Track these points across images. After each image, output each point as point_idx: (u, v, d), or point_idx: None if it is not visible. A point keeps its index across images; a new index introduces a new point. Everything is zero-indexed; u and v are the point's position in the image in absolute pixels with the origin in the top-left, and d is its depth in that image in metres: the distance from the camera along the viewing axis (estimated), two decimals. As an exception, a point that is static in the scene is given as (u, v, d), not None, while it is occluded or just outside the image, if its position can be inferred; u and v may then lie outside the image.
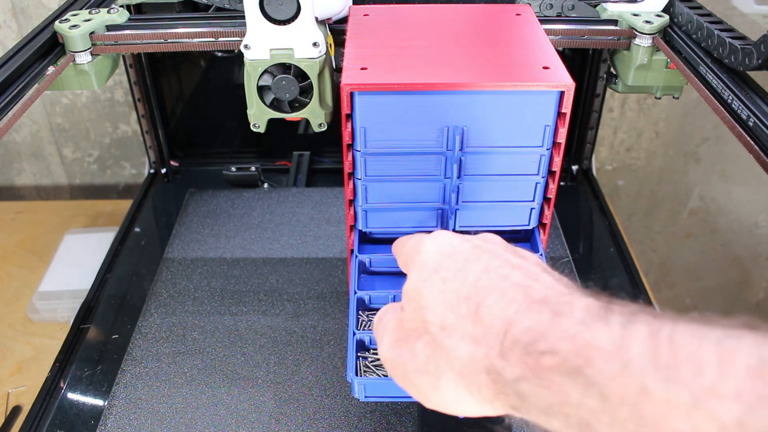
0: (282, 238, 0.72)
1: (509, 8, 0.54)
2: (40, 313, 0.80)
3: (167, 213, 0.83)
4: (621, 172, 1.20)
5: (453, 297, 0.30)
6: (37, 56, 0.55)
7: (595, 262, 0.76)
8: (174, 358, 0.57)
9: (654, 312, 0.24)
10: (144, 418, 0.52)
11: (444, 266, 0.32)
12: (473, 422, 0.51)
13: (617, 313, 0.24)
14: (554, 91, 0.42)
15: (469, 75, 0.42)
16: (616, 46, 0.62)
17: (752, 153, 0.45)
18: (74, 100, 1.06)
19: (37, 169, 1.15)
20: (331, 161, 0.94)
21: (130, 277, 0.71)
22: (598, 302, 0.26)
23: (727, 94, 0.49)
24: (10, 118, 0.49)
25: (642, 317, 0.23)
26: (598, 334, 0.24)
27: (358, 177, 0.46)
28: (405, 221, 0.49)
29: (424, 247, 0.34)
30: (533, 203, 0.47)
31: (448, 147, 0.44)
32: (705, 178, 1.19)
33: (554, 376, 0.24)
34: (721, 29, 0.53)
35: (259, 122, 0.57)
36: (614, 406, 0.23)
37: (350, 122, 0.44)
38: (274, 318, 0.61)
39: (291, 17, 0.52)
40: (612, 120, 1.12)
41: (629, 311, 0.24)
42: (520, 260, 0.32)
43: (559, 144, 0.44)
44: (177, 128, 0.95)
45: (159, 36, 0.60)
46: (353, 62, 0.44)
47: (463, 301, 0.30)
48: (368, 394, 0.45)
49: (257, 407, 0.53)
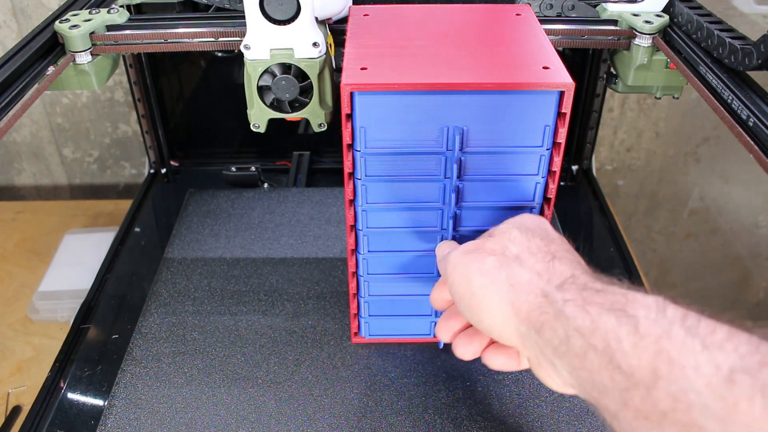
0: (282, 238, 0.72)
1: (509, 8, 0.54)
2: (40, 313, 0.80)
3: (167, 213, 0.83)
4: (621, 172, 1.20)
5: (535, 247, 0.37)
6: (37, 56, 0.55)
7: (595, 262, 0.76)
8: (174, 358, 0.57)
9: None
10: (144, 418, 0.52)
11: (534, 233, 0.38)
12: (472, 422, 0.51)
13: (666, 297, 0.30)
14: (554, 91, 0.42)
15: (469, 75, 0.42)
16: (616, 46, 0.62)
17: (752, 153, 0.45)
18: (74, 100, 1.06)
19: (37, 169, 1.15)
20: (331, 161, 0.94)
21: (130, 277, 0.71)
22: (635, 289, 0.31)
23: (727, 94, 0.49)
24: (10, 118, 0.49)
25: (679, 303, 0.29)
26: (644, 297, 0.29)
27: (358, 177, 0.46)
28: (405, 221, 0.49)
29: (524, 216, 0.41)
30: (533, 203, 0.47)
31: (448, 147, 0.44)
32: (705, 178, 1.19)
33: (599, 306, 0.30)
34: (721, 29, 0.53)
35: (259, 122, 0.57)
36: (640, 337, 0.27)
37: (350, 122, 0.44)
38: (274, 318, 0.62)
39: (291, 17, 0.52)
40: (612, 120, 1.12)
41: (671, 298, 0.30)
42: None
43: (559, 144, 0.44)
44: (177, 128, 0.95)
45: (159, 36, 0.60)
46: (353, 62, 0.44)
47: (542, 252, 0.36)
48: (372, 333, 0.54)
49: (257, 407, 0.53)
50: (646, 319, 0.28)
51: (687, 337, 0.26)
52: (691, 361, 0.26)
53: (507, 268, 0.36)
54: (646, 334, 0.27)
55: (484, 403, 0.53)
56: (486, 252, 0.38)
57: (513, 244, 0.37)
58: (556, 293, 0.32)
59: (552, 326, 0.31)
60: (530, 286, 0.34)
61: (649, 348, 0.27)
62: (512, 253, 0.37)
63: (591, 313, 0.30)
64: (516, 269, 0.35)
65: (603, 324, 0.29)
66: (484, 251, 0.38)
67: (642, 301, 0.29)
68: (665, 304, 0.29)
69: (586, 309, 0.30)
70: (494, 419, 0.52)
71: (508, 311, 0.34)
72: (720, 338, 0.26)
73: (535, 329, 0.32)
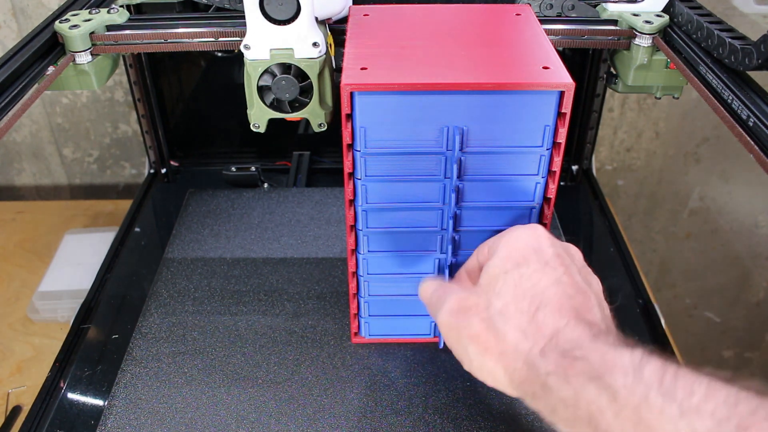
0: (282, 238, 0.72)
1: (509, 8, 0.54)
2: (40, 313, 0.80)
3: (167, 213, 0.83)
4: (621, 172, 1.20)
5: (521, 292, 0.36)
6: (37, 56, 0.55)
7: (595, 262, 0.76)
8: (174, 358, 0.57)
9: (667, 357, 0.30)
10: (144, 418, 0.52)
11: (527, 262, 0.38)
12: (472, 422, 0.51)
13: (640, 349, 0.30)
14: (554, 91, 0.42)
15: (469, 75, 0.42)
16: (616, 46, 0.62)
17: (752, 153, 0.45)
18: (74, 100, 1.06)
19: (37, 169, 1.15)
20: (331, 161, 0.94)
21: (130, 277, 0.71)
22: (635, 345, 0.31)
23: (727, 94, 0.49)
24: (10, 118, 0.49)
25: (658, 357, 0.30)
26: (623, 356, 0.30)
27: (358, 177, 0.46)
28: (405, 221, 0.49)
29: (517, 233, 0.40)
30: (533, 203, 0.47)
31: (448, 147, 0.44)
32: (705, 178, 1.19)
33: (579, 377, 0.31)
34: (721, 29, 0.53)
35: (259, 122, 0.57)
36: (620, 407, 0.29)
37: (350, 122, 0.44)
38: (274, 318, 0.62)
39: (291, 17, 0.52)
40: (612, 120, 1.12)
41: (650, 352, 0.30)
42: (587, 287, 0.38)
43: (559, 144, 0.44)
44: (177, 128, 0.95)
45: (159, 36, 0.60)
46: (353, 62, 0.44)
47: (528, 299, 0.36)
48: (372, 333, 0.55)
49: (257, 407, 0.53)
50: (624, 388, 0.29)
51: (665, 403, 0.27)
52: (670, 429, 0.27)
53: (494, 330, 0.36)
54: (625, 404, 0.29)
55: (484, 403, 0.53)
56: (472, 312, 0.38)
57: (497, 298, 0.37)
58: (540, 362, 0.33)
59: (541, 396, 0.33)
60: (516, 353, 0.35)
61: (630, 418, 0.28)
62: (496, 308, 0.37)
63: (573, 384, 0.31)
64: (502, 330, 0.36)
65: (585, 395, 0.30)
66: (470, 312, 0.38)
67: (619, 363, 0.30)
68: (642, 363, 0.29)
69: (569, 381, 0.31)
70: (494, 419, 0.52)
71: (504, 379, 0.36)
72: (697, 401, 0.27)
73: (529, 397, 0.34)
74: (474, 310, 0.38)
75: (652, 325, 0.65)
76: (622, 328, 0.37)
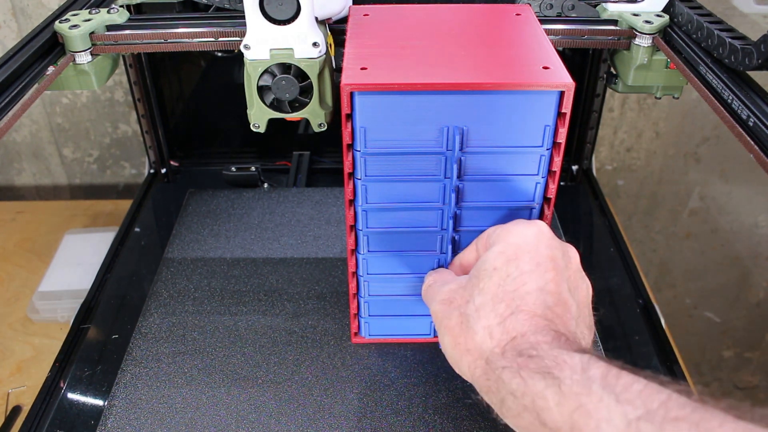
0: (282, 238, 0.72)
1: (509, 8, 0.54)
2: (40, 313, 0.80)
3: (167, 213, 0.83)
4: (621, 172, 1.20)
5: (502, 294, 0.38)
6: (37, 56, 0.55)
7: (595, 262, 0.76)
8: (174, 358, 0.57)
9: (613, 361, 0.32)
10: (144, 418, 0.52)
11: (518, 260, 0.39)
12: (473, 422, 0.51)
13: (595, 356, 0.32)
14: (554, 91, 0.42)
15: (469, 75, 0.42)
16: (616, 46, 0.62)
17: (752, 153, 0.45)
18: (74, 100, 1.06)
19: (37, 169, 1.15)
20: (331, 161, 0.94)
21: (130, 277, 0.71)
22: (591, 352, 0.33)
23: (727, 94, 0.49)
24: (10, 118, 0.49)
25: (605, 360, 0.32)
26: (574, 357, 0.32)
27: (358, 177, 0.46)
28: (405, 221, 0.49)
29: (518, 228, 0.41)
30: (533, 203, 0.47)
31: (448, 147, 0.44)
32: (705, 178, 1.19)
33: (530, 371, 0.33)
34: (721, 29, 0.53)
35: (259, 122, 0.57)
36: (563, 396, 0.31)
37: (350, 122, 0.44)
38: (274, 318, 0.62)
39: (291, 17, 0.52)
40: (612, 120, 1.12)
41: (599, 356, 0.32)
42: (570, 297, 0.38)
43: (559, 144, 0.44)
44: (177, 128, 0.95)
45: (159, 36, 0.60)
46: (353, 62, 0.44)
47: (506, 302, 0.37)
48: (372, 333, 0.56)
49: (257, 407, 0.53)
50: (570, 380, 0.31)
51: (604, 393, 0.30)
52: (605, 414, 0.29)
53: (465, 328, 0.38)
54: (569, 393, 0.31)
55: (484, 403, 0.53)
56: (454, 305, 0.40)
57: (479, 294, 0.39)
58: (498, 360, 0.36)
59: (493, 390, 0.35)
60: (479, 351, 0.37)
61: (570, 404, 0.30)
62: (475, 305, 0.38)
63: (523, 377, 0.33)
64: (472, 329, 0.38)
65: (532, 386, 0.32)
66: (453, 304, 0.41)
67: (569, 362, 0.32)
68: (590, 363, 0.31)
69: (520, 374, 0.33)
70: (494, 419, 0.52)
71: (468, 372, 0.38)
72: (634, 393, 0.29)
73: (484, 391, 0.37)
74: (456, 303, 0.40)
75: (652, 325, 0.65)
76: (622, 328, 0.37)
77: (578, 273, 0.41)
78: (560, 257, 0.40)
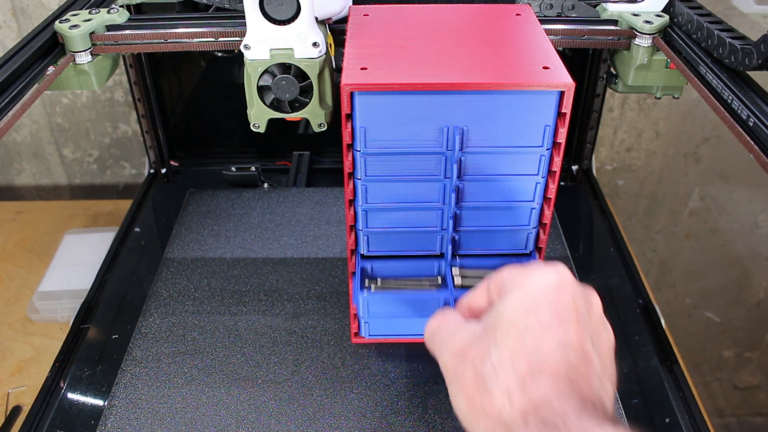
0: (282, 238, 0.72)
1: (509, 8, 0.54)
2: (40, 313, 0.80)
3: (167, 213, 0.83)
4: (621, 172, 1.20)
5: (521, 350, 0.35)
6: (37, 56, 0.55)
7: (595, 262, 0.76)
8: (174, 358, 0.57)
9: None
10: (144, 418, 0.52)
11: (538, 311, 0.36)
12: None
13: (624, 428, 0.31)
14: (554, 91, 0.42)
15: (469, 75, 0.42)
16: (616, 46, 0.62)
17: (752, 153, 0.45)
18: (74, 100, 1.06)
19: (37, 169, 1.15)
20: (331, 161, 0.94)
21: (130, 277, 0.71)
22: (616, 419, 0.32)
23: (727, 94, 0.49)
24: (10, 118, 0.49)
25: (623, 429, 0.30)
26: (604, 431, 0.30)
27: (358, 177, 0.46)
28: (405, 221, 0.49)
29: (536, 276, 0.37)
30: (533, 203, 0.47)
31: (448, 147, 0.44)
32: (705, 178, 1.19)
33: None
34: (721, 29, 0.53)
35: (259, 122, 0.57)
36: None
37: (350, 122, 0.44)
38: (274, 318, 0.62)
39: (291, 17, 0.52)
40: (612, 120, 1.12)
41: (622, 428, 0.31)
42: (592, 351, 0.36)
43: (559, 144, 0.44)
44: (177, 128, 0.95)
45: (159, 36, 0.60)
46: (353, 62, 0.44)
47: (526, 361, 0.34)
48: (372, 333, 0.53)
49: (257, 407, 0.53)
50: None
51: None
52: None
53: (483, 386, 0.35)
54: None
55: None
56: (468, 360, 0.37)
57: (496, 350, 0.35)
58: (520, 429, 0.33)
59: None
60: (498, 416, 0.34)
61: None
62: (492, 364, 0.35)
63: None
64: (489, 390, 0.35)
65: None
66: (467, 359, 0.37)
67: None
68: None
69: None
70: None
71: (483, 430, 0.36)
72: None
73: None
74: (469, 358, 0.37)
75: (652, 325, 0.65)
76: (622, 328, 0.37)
77: (601, 321, 0.38)
78: (582, 306, 0.37)
